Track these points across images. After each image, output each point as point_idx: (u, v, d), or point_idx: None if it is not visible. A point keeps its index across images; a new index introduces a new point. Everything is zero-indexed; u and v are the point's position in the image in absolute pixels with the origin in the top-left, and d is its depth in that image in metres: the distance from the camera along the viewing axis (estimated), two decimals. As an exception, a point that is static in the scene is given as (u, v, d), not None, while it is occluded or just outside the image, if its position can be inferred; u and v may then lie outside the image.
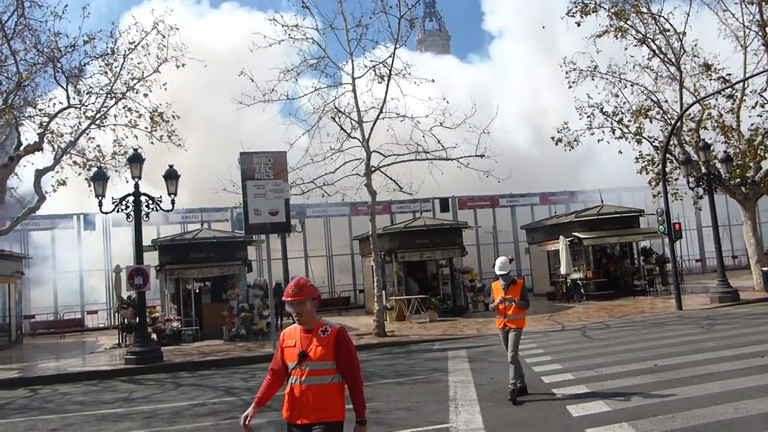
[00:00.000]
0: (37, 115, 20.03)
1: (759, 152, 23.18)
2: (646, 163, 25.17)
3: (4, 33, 18.89)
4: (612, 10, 23.47)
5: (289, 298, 4.02)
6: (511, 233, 36.51)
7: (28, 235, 31.02)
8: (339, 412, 3.99)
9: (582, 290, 25.91)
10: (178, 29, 20.19)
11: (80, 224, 31.32)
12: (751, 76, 22.16)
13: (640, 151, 25.02)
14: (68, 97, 19.92)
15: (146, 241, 20.01)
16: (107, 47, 20.19)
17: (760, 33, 22.81)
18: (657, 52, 23.77)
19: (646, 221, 28.47)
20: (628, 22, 23.61)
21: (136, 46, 19.97)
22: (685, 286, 24.91)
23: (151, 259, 21.20)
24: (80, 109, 20.32)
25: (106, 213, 16.87)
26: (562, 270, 25.77)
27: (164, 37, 20.00)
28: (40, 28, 19.64)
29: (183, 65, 20.51)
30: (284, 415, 4.01)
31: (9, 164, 19.49)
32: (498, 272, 9.02)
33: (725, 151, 23.01)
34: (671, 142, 22.78)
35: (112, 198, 16.42)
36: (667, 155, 22.41)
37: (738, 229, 30.35)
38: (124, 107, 20.56)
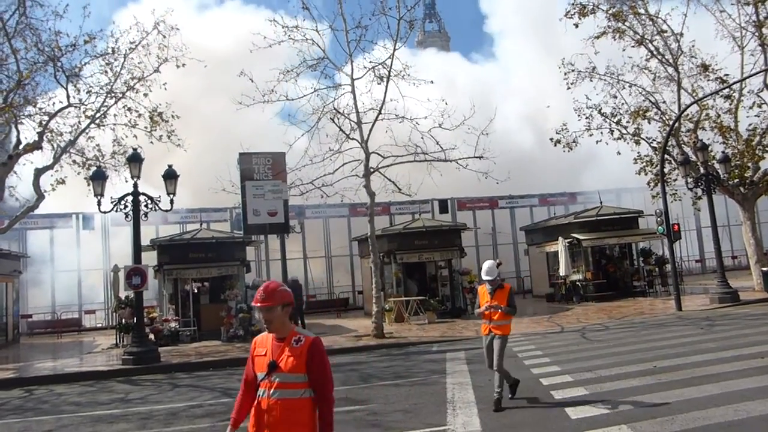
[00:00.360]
0: (36, 113, 20.01)
1: (757, 152, 23.19)
2: (644, 164, 25.20)
3: (5, 32, 18.90)
4: (610, 12, 23.51)
5: (258, 304, 3.70)
6: (510, 234, 36.56)
7: (26, 234, 30.99)
8: (310, 430, 3.61)
9: (581, 291, 25.89)
10: (178, 29, 20.28)
11: (79, 223, 31.29)
12: (748, 77, 22.17)
13: (638, 152, 25.08)
14: (68, 96, 19.95)
15: (145, 241, 20.00)
16: (108, 47, 20.25)
17: (756, 33, 22.82)
18: (655, 53, 23.81)
19: (645, 222, 28.47)
20: (626, 24, 23.66)
21: (136, 45, 20.01)
22: (684, 286, 24.92)
23: (150, 259, 21.17)
24: (80, 108, 20.33)
25: (105, 212, 16.88)
26: (561, 271, 25.76)
27: (165, 37, 20.07)
28: (41, 27, 19.70)
29: (183, 65, 20.55)
30: (249, 431, 3.68)
31: (8, 163, 19.48)
32: (484, 277, 8.80)
33: (723, 152, 23.02)
34: (669, 143, 22.79)
35: (111, 197, 16.40)
36: (666, 156, 22.42)
37: (737, 229, 30.38)
38: (123, 107, 20.58)
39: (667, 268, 25.58)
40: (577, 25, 23.36)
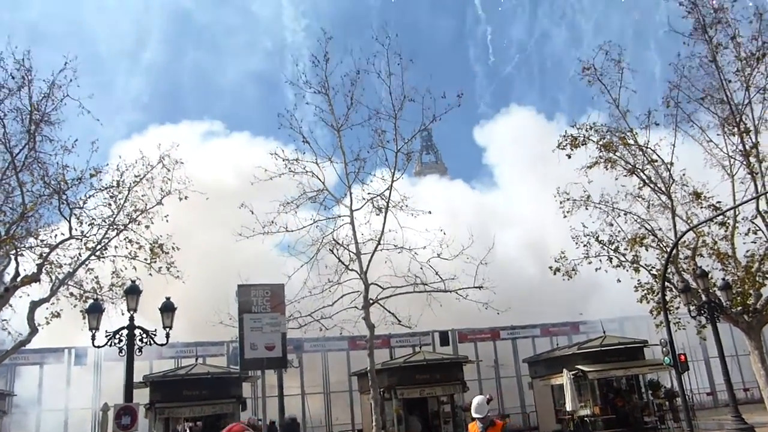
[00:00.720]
0: (38, 245, 20.06)
1: (758, 279, 23.03)
2: (645, 291, 24.96)
3: (14, 165, 19.41)
4: (600, 143, 24.36)
5: None
6: (513, 367, 35.62)
7: (15, 370, 30.06)
8: None
9: (590, 428, 24.75)
10: (182, 163, 20.90)
11: (71, 359, 30.48)
12: (739, 204, 22.47)
13: (638, 280, 24.95)
14: (70, 229, 20.09)
15: (138, 376, 19.38)
16: (113, 180, 20.72)
17: (744, 162, 23.48)
18: (647, 181, 24.35)
19: (651, 352, 27.79)
20: (617, 154, 24.42)
21: (141, 179, 20.53)
22: (698, 422, 23.86)
23: (142, 396, 20.42)
24: (81, 240, 20.45)
25: (99, 347, 16.47)
26: (568, 406, 24.80)
27: (169, 170, 20.64)
28: (49, 161, 20.10)
29: (186, 198, 20.96)
30: None
31: (5, 295, 19.24)
32: (474, 415, 8.25)
33: (724, 279, 22.91)
34: (669, 270, 22.75)
35: (106, 331, 16.10)
36: (666, 283, 22.30)
37: (747, 359, 29.58)
38: (125, 239, 20.72)
39: (677, 402, 24.61)
40: (569, 156, 24.14)
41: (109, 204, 20.42)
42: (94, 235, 20.37)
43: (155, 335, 16.39)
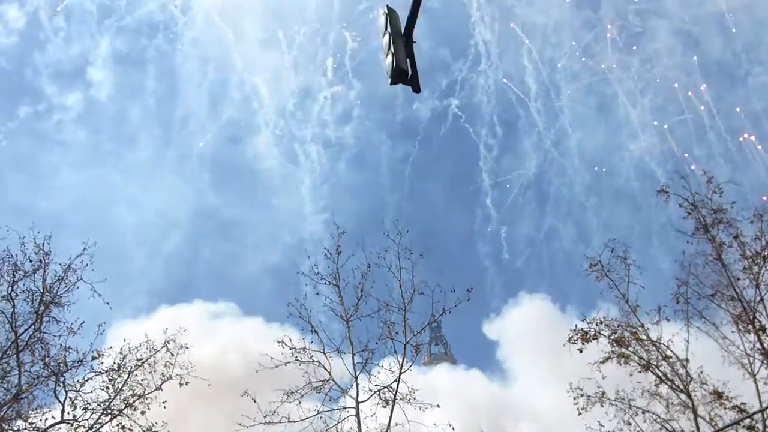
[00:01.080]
0: (26, 428, 19.19)
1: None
2: (678, 508, 22.98)
3: (16, 345, 19.15)
4: (612, 338, 23.83)
5: None
6: None
7: None
8: None
9: None
10: (187, 348, 20.59)
11: None
12: (766, 408, 21.36)
13: (672, 494, 23.09)
14: (63, 412, 19.36)
15: None
16: (114, 363, 20.26)
17: (764, 362, 22.61)
18: (663, 378, 23.41)
19: None
20: (630, 349, 23.74)
21: (143, 363, 20.13)
22: None
23: None
24: (72, 424, 19.56)
25: None
26: None
27: (173, 355, 20.30)
28: (52, 342, 19.91)
29: (187, 383, 20.40)
30: None
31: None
32: None
33: (772, 496, 21.07)
34: (705, 483, 21.07)
35: None
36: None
37: None
38: (117, 424, 19.82)
39: None
40: (581, 350, 23.56)
41: (107, 387, 19.84)
42: (86, 419, 19.53)
43: None
